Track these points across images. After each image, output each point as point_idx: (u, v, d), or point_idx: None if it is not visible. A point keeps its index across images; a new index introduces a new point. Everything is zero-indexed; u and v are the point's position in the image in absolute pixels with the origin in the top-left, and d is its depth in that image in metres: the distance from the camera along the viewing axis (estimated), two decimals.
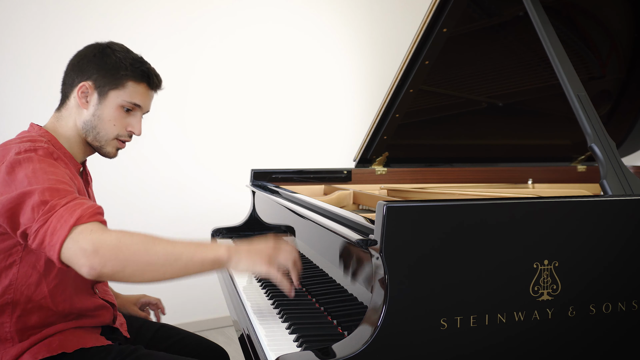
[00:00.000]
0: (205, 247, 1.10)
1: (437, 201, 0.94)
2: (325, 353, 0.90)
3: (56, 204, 1.08)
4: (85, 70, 1.31)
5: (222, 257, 1.09)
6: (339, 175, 2.24)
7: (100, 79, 1.30)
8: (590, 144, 1.21)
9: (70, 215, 1.06)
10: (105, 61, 1.30)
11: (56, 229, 1.06)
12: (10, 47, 2.80)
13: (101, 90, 1.30)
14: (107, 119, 1.31)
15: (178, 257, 1.07)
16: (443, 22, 1.81)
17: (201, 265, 1.09)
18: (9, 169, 1.14)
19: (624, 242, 1.02)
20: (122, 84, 1.31)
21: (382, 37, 3.85)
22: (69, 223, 1.05)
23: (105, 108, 1.31)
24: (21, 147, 1.18)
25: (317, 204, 1.40)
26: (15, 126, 2.82)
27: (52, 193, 1.10)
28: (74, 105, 1.32)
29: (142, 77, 1.33)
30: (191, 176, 3.29)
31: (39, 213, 1.07)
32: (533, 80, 2.17)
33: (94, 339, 1.27)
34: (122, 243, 1.05)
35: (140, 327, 1.54)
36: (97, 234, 1.05)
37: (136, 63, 1.33)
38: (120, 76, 1.30)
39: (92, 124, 1.31)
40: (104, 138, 1.33)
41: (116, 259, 1.04)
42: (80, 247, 1.04)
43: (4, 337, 1.21)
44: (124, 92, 1.31)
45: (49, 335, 1.23)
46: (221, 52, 3.36)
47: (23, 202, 1.09)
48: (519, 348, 0.96)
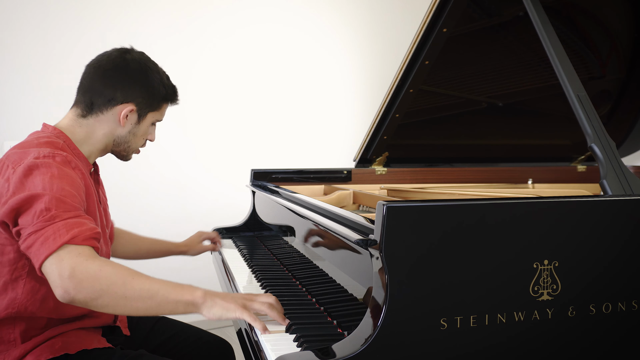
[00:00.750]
0: (182, 288, 1.11)
1: (437, 201, 0.94)
2: (325, 353, 0.90)
3: (57, 215, 1.09)
4: (129, 92, 1.34)
5: (197, 301, 1.11)
6: (339, 175, 2.25)
7: (143, 102, 1.37)
8: (590, 144, 1.21)
9: (66, 232, 1.07)
10: (149, 85, 1.36)
11: (47, 240, 1.06)
12: (11, 47, 2.80)
13: (142, 112, 1.38)
14: (140, 135, 1.41)
15: (154, 294, 1.08)
16: (443, 22, 1.81)
17: (175, 306, 1.10)
18: (27, 171, 1.15)
19: (624, 242, 1.02)
20: (159, 107, 1.41)
21: (382, 37, 3.85)
22: (62, 239, 1.06)
23: (141, 127, 1.40)
24: (40, 152, 1.19)
25: (317, 204, 1.40)
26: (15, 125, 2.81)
27: (59, 204, 1.11)
28: (110, 120, 1.35)
29: (173, 99, 1.45)
30: (191, 176, 3.29)
31: (39, 219, 1.09)
32: (533, 80, 2.17)
33: (96, 341, 1.28)
34: (102, 273, 1.06)
35: (139, 320, 1.53)
36: (82, 258, 1.06)
37: (169, 83, 1.42)
38: (160, 99, 1.40)
39: (125, 139, 1.39)
40: (132, 149, 1.43)
41: (91, 287, 1.05)
42: (61, 268, 1.05)
43: (7, 338, 1.21)
44: (159, 113, 1.42)
45: (52, 337, 1.23)
46: (221, 52, 3.36)
47: (30, 204, 1.11)
48: (519, 348, 0.96)
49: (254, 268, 1.65)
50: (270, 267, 1.65)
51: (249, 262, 1.73)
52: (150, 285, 1.08)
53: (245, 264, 1.75)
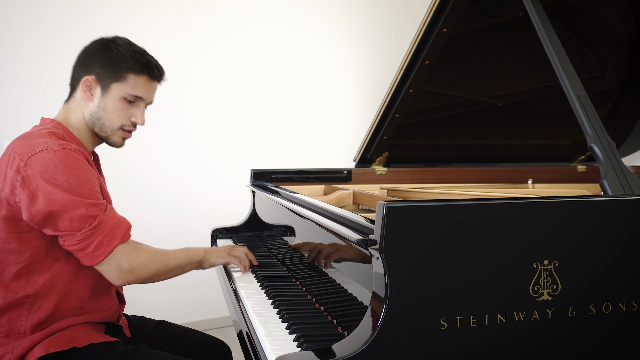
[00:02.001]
0: (193, 252, 1.47)
1: (437, 201, 0.94)
2: (325, 353, 0.90)
3: (102, 220, 1.25)
4: (89, 64, 1.36)
5: (203, 258, 1.49)
6: (339, 175, 2.25)
7: (102, 72, 1.35)
8: (590, 144, 1.21)
9: (115, 235, 1.27)
10: (107, 55, 1.35)
11: (102, 244, 1.24)
12: (10, 47, 2.80)
13: (104, 84, 1.36)
14: (111, 111, 1.37)
15: (181, 263, 1.42)
16: (443, 22, 1.81)
17: (191, 266, 1.46)
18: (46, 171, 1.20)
19: (624, 242, 1.02)
20: (123, 77, 1.36)
21: (382, 37, 3.85)
22: (115, 242, 1.26)
23: (108, 100, 1.36)
24: (49, 145, 1.23)
25: (317, 204, 1.40)
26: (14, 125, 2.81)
27: (96, 209, 1.25)
28: (80, 97, 1.38)
29: (143, 69, 1.37)
30: (191, 176, 3.29)
31: (86, 225, 1.23)
32: (533, 80, 2.17)
33: (102, 336, 1.31)
34: (149, 262, 1.33)
35: (138, 324, 1.55)
36: (132, 255, 1.29)
37: (137, 55, 1.37)
38: (121, 69, 1.35)
39: (97, 116, 1.37)
40: (109, 128, 1.39)
41: (146, 275, 1.32)
42: (120, 266, 1.27)
43: (18, 330, 1.24)
44: (125, 84, 1.36)
45: (59, 330, 1.26)
46: (221, 52, 3.36)
47: (68, 210, 1.21)
48: (519, 348, 0.96)
49: (254, 268, 1.65)
50: (270, 267, 1.65)
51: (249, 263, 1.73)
52: (177, 259, 1.41)
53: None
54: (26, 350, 1.22)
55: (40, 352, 1.21)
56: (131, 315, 1.57)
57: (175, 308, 3.18)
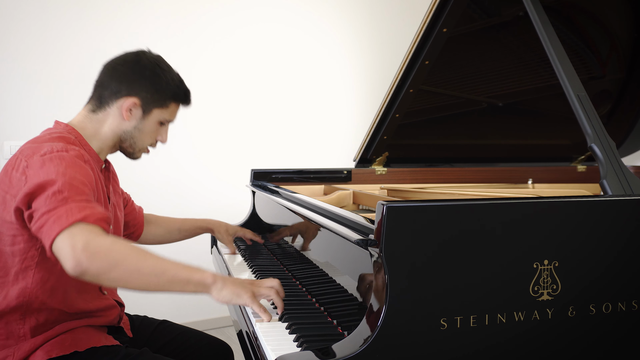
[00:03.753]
0: (193, 268, 1.13)
1: (437, 201, 0.94)
2: (325, 353, 0.90)
3: (70, 197, 1.11)
4: (135, 86, 1.36)
5: (207, 281, 1.12)
6: (339, 175, 2.24)
7: (148, 97, 1.37)
8: (590, 144, 1.21)
9: (79, 212, 1.09)
10: (156, 82, 1.37)
11: (60, 218, 1.08)
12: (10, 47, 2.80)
13: (147, 108, 1.38)
14: (147, 133, 1.41)
15: (165, 270, 1.10)
16: (443, 22, 1.81)
17: (186, 284, 1.11)
18: (41, 162, 1.17)
19: (624, 242, 1.02)
20: (166, 105, 1.40)
21: (382, 37, 3.85)
22: (75, 217, 1.08)
23: (147, 123, 1.39)
24: (54, 147, 1.21)
25: (317, 204, 1.40)
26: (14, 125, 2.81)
27: (72, 188, 1.13)
28: (116, 114, 1.37)
29: (184, 99, 1.45)
30: (192, 176, 3.29)
31: (52, 199, 1.11)
32: (533, 80, 2.17)
33: (104, 339, 1.30)
34: (115, 246, 1.08)
35: (141, 324, 1.55)
36: (94, 234, 1.08)
37: (182, 85, 1.43)
38: (167, 98, 1.40)
39: (131, 135, 1.39)
40: (139, 147, 1.43)
41: (105, 259, 1.06)
42: (72, 242, 1.06)
43: (17, 333, 1.23)
44: (166, 111, 1.41)
45: (61, 333, 1.25)
46: (221, 52, 3.36)
47: (43, 188, 1.13)
48: (519, 348, 0.96)
49: (254, 268, 1.65)
50: (270, 267, 1.65)
51: (249, 262, 1.74)
52: (162, 263, 1.11)
53: (245, 264, 1.75)
54: (27, 354, 1.21)
55: (42, 357, 1.20)
56: (133, 315, 1.57)
57: (176, 307, 3.18)
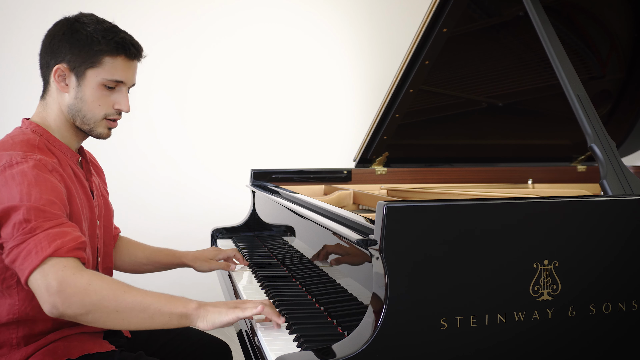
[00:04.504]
0: (176, 301, 1.07)
1: (437, 201, 0.94)
2: (325, 353, 0.90)
3: (38, 226, 1.04)
4: (57, 51, 1.21)
5: (190, 312, 1.07)
6: (339, 175, 2.25)
7: (74, 58, 1.21)
8: (590, 144, 1.21)
9: (49, 244, 1.03)
10: (75, 38, 1.20)
11: (30, 254, 1.02)
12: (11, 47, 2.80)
13: (78, 71, 1.21)
14: (91, 100, 1.23)
15: (146, 307, 1.05)
16: (443, 22, 1.81)
17: (168, 318, 1.06)
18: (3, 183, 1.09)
19: (624, 242, 1.02)
20: (98, 62, 1.21)
21: (382, 37, 3.85)
22: (45, 252, 1.02)
23: (86, 89, 1.22)
24: (13, 158, 1.12)
25: (317, 204, 1.40)
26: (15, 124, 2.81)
27: (38, 214, 1.05)
28: (55, 90, 1.24)
29: (118, 49, 1.23)
30: (191, 176, 3.29)
31: (19, 231, 1.04)
32: (533, 80, 2.17)
33: (98, 345, 1.27)
34: (91, 287, 1.02)
35: None
36: (69, 271, 1.02)
37: (108, 34, 1.22)
38: (95, 52, 1.20)
39: (76, 108, 1.23)
40: (92, 120, 1.25)
41: (81, 302, 1.01)
42: (47, 283, 1.00)
43: (10, 342, 1.20)
44: (102, 69, 1.22)
45: (53, 341, 1.22)
46: (221, 52, 3.36)
47: (8, 215, 1.06)
48: (519, 348, 0.96)
49: (254, 268, 1.65)
50: (270, 267, 1.65)
51: (249, 262, 1.74)
52: (142, 298, 1.04)
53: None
54: None
55: None
56: None
57: None
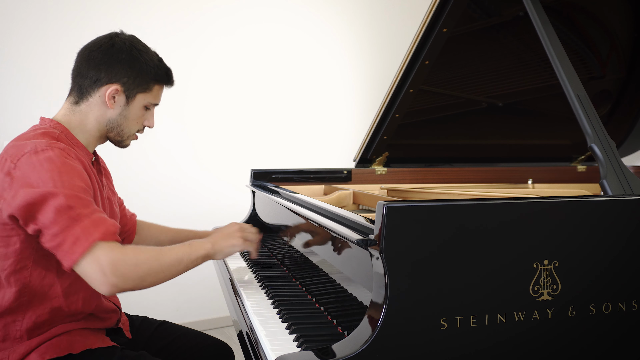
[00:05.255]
0: (196, 246, 1.30)
1: (438, 201, 0.94)
2: (325, 353, 0.90)
3: (82, 213, 1.13)
4: (114, 71, 1.32)
5: (209, 251, 1.32)
6: (339, 175, 2.25)
7: (129, 82, 1.34)
8: (590, 144, 1.21)
9: (95, 229, 1.12)
10: (134, 65, 1.33)
11: (79, 239, 1.11)
12: (10, 46, 2.80)
13: (130, 93, 1.35)
14: (133, 119, 1.38)
15: (180, 260, 1.25)
16: (443, 22, 1.81)
17: (196, 262, 1.29)
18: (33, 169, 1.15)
19: (624, 242, 1.02)
20: (149, 88, 1.37)
21: (382, 37, 3.85)
22: (94, 237, 1.12)
23: (132, 109, 1.36)
24: (37, 146, 1.18)
25: (317, 204, 1.40)
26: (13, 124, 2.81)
27: (77, 200, 1.14)
28: (98, 102, 1.33)
29: (167, 80, 1.41)
30: (191, 176, 3.29)
31: (63, 217, 1.11)
32: (533, 80, 2.17)
33: (100, 340, 1.29)
34: (139, 260, 1.16)
35: (140, 324, 1.54)
36: (116, 252, 1.13)
37: (162, 66, 1.39)
38: (148, 81, 1.36)
39: (117, 123, 1.36)
40: (127, 134, 1.39)
41: (135, 275, 1.15)
42: (100, 266, 1.11)
43: (13, 335, 1.22)
44: (150, 94, 1.38)
45: (57, 335, 1.24)
46: (221, 52, 3.36)
47: (46, 201, 1.12)
48: (519, 348, 0.96)
49: (254, 268, 1.65)
50: (270, 267, 1.65)
51: (249, 262, 1.74)
52: (175, 254, 1.24)
53: (245, 264, 1.75)
54: (22, 356, 1.20)
55: (37, 359, 1.19)
56: (133, 316, 1.56)
57: (176, 307, 3.18)
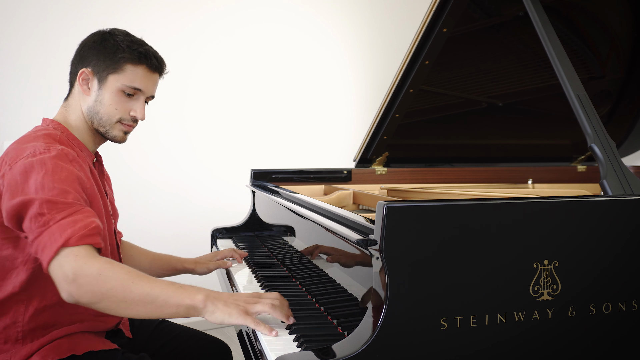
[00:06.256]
0: (184, 291, 1.08)
1: (437, 201, 0.94)
2: (325, 353, 0.90)
3: (50, 219, 1.09)
4: (85, 57, 1.32)
5: (198, 305, 1.08)
6: (339, 175, 2.25)
7: (98, 63, 1.30)
8: (590, 144, 1.21)
9: (60, 235, 1.07)
10: (103, 45, 1.31)
11: (46, 247, 1.08)
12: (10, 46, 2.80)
13: (100, 76, 1.31)
14: (108, 103, 1.31)
15: (154, 299, 1.06)
16: (443, 22, 1.81)
17: (176, 310, 1.07)
18: (22, 172, 1.14)
19: (624, 242, 1.02)
20: (120, 68, 1.30)
21: (382, 37, 3.85)
22: (57, 243, 1.07)
23: (105, 92, 1.31)
24: (36, 149, 1.18)
25: (317, 204, 1.40)
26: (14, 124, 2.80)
27: (50, 206, 1.10)
28: (78, 92, 1.34)
29: (140, 59, 1.31)
30: (191, 176, 3.29)
31: (35, 224, 1.10)
32: (533, 80, 2.17)
33: (101, 343, 1.28)
34: (102, 276, 1.05)
35: (140, 324, 1.54)
36: (81, 261, 1.06)
37: (133, 45, 1.31)
38: (118, 59, 1.30)
39: (95, 109, 1.32)
40: (107, 122, 1.33)
41: (92, 291, 1.05)
42: (63, 273, 1.06)
43: (15, 337, 1.21)
44: (122, 75, 1.31)
45: (58, 338, 1.23)
46: (221, 52, 3.36)
47: (25, 209, 1.11)
48: (519, 348, 0.96)
49: (254, 268, 1.65)
50: (270, 267, 1.65)
51: (249, 262, 1.74)
52: (150, 289, 1.06)
53: (245, 264, 1.75)
54: (24, 358, 1.20)
55: None
56: None
57: None
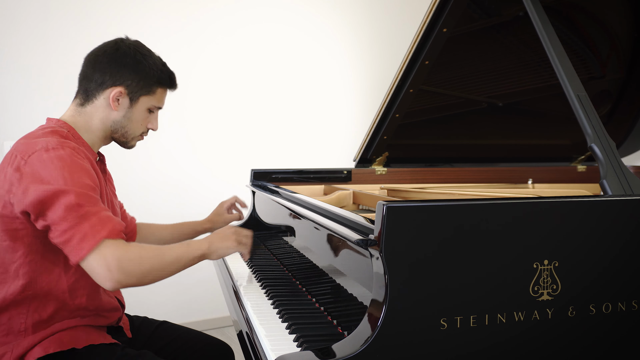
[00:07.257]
0: (194, 246, 1.34)
1: (437, 201, 0.94)
2: (325, 353, 0.90)
3: (90, 210, 1.18)
4: (118, 75, 1.37)
5: (205, 251, 1.36)
6: (339, 175, 2.25)
7: (133, 84, 1.38)
8: (590, 144, 1.21)
9: (102, 227, 1.17)
10: (138, 68, 1.38)
11: (86, 236, 1.15)
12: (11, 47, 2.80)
13: (133, 96, 1.39)
14: (137, 120, 1.42)
15: (179, 258, 1.29)
16: (443, 22, 1.81)
17: (193, 261, 1.33)
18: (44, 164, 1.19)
19: (624, 242, 1.02)
20: (152, 91, 1.41)
21: (382, 37, 3.85)
22: (101, 234, 1.16)
23: (135, 111, 1.40)
24: (49, 143, 1.22)
25: (317, 204, 1.40)
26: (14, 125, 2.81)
27: (87, 198, 1.19)
28: (103, 105, 1.38)
29: (171, 84, 1.46)
30: (191, 176, 3.30)
31: (73, 214, 1.16)
32: (533, 80, 2.17)
33: (102, 337, 1.31)
34: (142, 258, 1.21)
35: (141, 324, 1.55)
36: (121, 250, 1.18)
37: (165, 71, 1.43)
38: (152, 84, 1.40)
39: (121, 124, 1.40)
40: (131, 135, 1.43)
41: (139, 272, 1.20)
42: (106, 263, 1.16)
43: (17, 329, 1.24)
44: (153, 97, 1.42)
45: (60, 330, 1.26)
46: (221, 52, 3.36)
47: (57, 198, 1.16)
48: (519, 348, 0.96)
49: (254, 268, 1.65)
50: (270, 267, 1.65)
51: (249, 262, 1.74)
52: (175, 252, 1.29)
53: (245, 264, 1.75)
54: (25, 350, 1.22)
55: (40, 353, 1.21)
56: (133, 316, 1.57)
57: (176, 308, 3.18)
